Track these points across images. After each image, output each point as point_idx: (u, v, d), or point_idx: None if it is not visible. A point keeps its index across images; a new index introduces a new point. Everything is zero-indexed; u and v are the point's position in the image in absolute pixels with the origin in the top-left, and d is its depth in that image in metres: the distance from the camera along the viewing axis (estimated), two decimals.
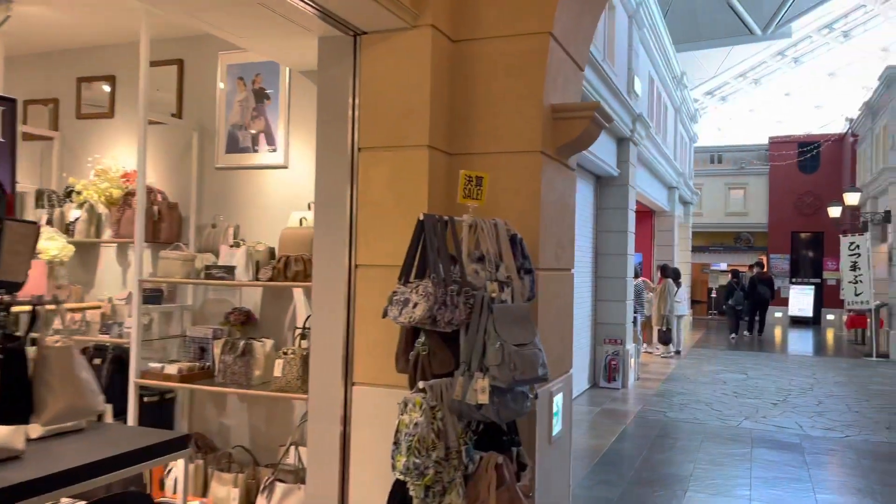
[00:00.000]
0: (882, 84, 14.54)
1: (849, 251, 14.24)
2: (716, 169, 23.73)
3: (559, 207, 4.30)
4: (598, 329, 9.95)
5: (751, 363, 12.64)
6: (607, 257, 9.96)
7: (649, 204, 14.12)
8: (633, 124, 9.77)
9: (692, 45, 21.53)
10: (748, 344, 16.29)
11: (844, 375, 11.35)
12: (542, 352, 3.20)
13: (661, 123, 13.74)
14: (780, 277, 22.38)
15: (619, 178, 9.94)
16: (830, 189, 21.56)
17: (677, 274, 14.11)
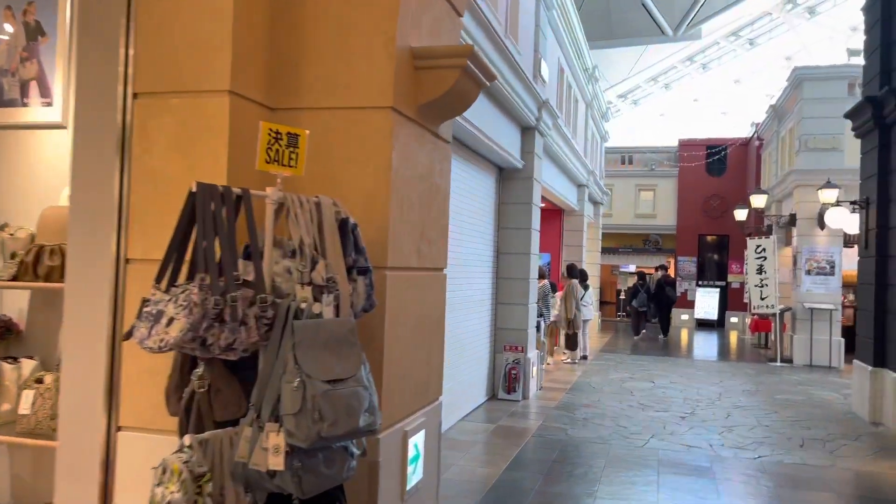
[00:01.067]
0: (790, 86, 14.43)
1: (755, 254, 14.03)
2: (626, 170, 23.56)
3: (425, 188, 3.30)
4: (498, 335, 9.09)
5: (658, 369, 12.14)
6: (509, 256, 9.11)
7: (558, 201, 13.45)
8: (538, 112, 8.96)
9: (605, 44, 21.21)
10: (654, 347, 15.93)
11: (751, 383, 10.96)
12: (368, 391, 2.19)
13: (570, 117, 13.08)
14: (687, 280, 22.40)
15: (523, 171, 9.10)
16: (736, 192, 21.70)
17: (584, 275, 13.49)
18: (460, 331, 7.63)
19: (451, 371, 7.31)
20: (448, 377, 7.53)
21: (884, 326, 8.19)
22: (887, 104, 7.99)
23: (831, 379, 11.75)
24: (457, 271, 7.41)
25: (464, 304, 7.75)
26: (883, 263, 8.24)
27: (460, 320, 7.62)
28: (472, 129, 6.92)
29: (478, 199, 8.25)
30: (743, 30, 25.55)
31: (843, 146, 13.43)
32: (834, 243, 13.48)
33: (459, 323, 7.60)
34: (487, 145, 7.68)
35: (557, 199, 13.15)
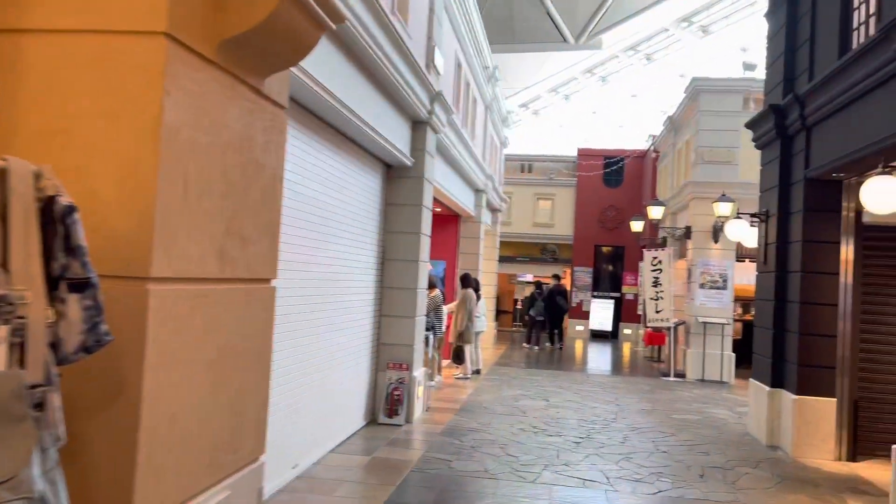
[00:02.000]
0: (687, 98, 14.36)
1: (651, 266, 13.80)
2: (526, 178, 23.25)
3: (237, 164, 2.32)
4: (381, 351, 8.15)
5: (552, 385, 11.56)
6: (395, 263, 8.19)
7: (453, 206, 12.68)
8: (431, 104, 8.12)
9: (508, 48, 20.83)
10: (549, 361, 15.46)
11: (647, 400, 10.54)
12: None
13: (468, 117, 12.36)
14: (582, 291, 22.27)
15: (413, 169, 8.23)
16: (632, 204, 21.80)
17: (477, 285, 12.78)
18: (334, 347, 6.64)
19: (322, 394, 6.30)
20: (318, 401, 6.54)
21: (782, 345, 7.85)
22: (791, 113, 7.67)
23: (724, 395, 11.55)
24: (332, 280, 6.42)
25: (340, 316, 6.77)
26: (782, 279, 7.92)
27: (335, 335, 6.63)
28: (351, 116, 5.98)
29: (359, 199, 7.30)
30: (641, 44, 25.89)
31: (737, 160, 13.42)
32: (727, 257, 13.44)
33: (333, 338, 6.61)
34: (371, 137, 6.75)
35: (453, 204, 12.38)
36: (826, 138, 7.08)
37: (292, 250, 5.35)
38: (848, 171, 6.93)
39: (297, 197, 5.49)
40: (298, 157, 5.49)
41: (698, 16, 24.12)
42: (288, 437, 5.54)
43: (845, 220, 7.35)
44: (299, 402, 5.77)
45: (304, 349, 5.80)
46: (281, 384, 5.30)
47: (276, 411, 5.28)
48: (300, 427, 5.79)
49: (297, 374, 5.68)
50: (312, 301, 5.93)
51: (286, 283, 5.23)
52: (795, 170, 7.77)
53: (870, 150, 6.01)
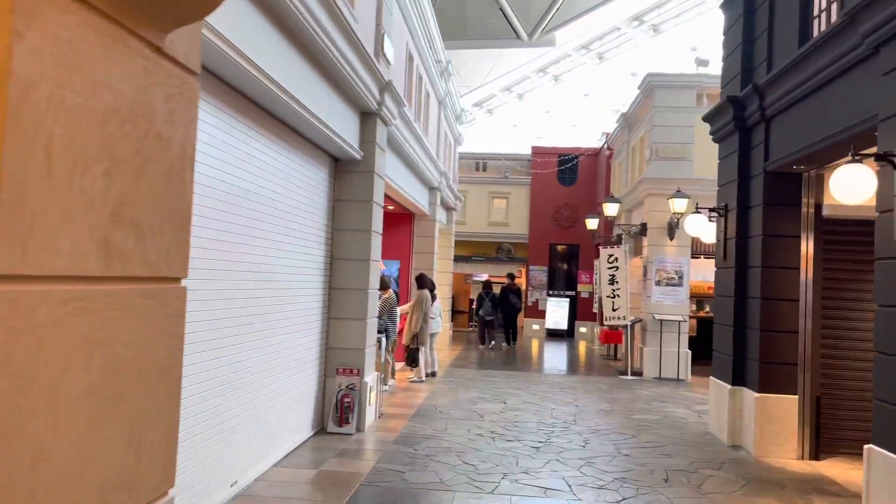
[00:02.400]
0: (641, 94, 14.26)
1: (608, 264, 13.64)
2: (480, 177, 22.98)
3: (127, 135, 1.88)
4: (330, 356, 7.70)
5: (509, 386, 11.26)
6: (345, 263, 7.76)
7: (407, 204, 12.29)
8: (380, 95, 7.71)
9: (461, 44, 20.53)
10: (506, 361, 15.19)
11: (606, 400, 10.32)
12: None
13: (421, 111, 11.98)
14: (538, 289, 22.11)
15: (362, 163, 7.80)
16: (586, 202, 21.73)
17: (432, 286, 12.43)
18: (277, 353, 6.18)
19: (263, 404, 5.84)
20: (258, 412, 6.07)
21: (743, 342, 7.69)
22: (749, 104, 7.51)
23: (682, 393, 11.42)
24: (272, 281, 5.96)
25: (283, 320, 6.31)
26: (742, 275, 7.75)
27: (277, 340, 6.17)
28: (292, 102, 5.54)
29: (304, 193, 6.85)
30: (593, 43, 25.93)
31: (692, 155, 13.35)
32: (682, 254, 13.36)
33: (276, 343, 6.15)
34: (316, 128, 6.31)
35: (407, 201, 11.98)
36: (786, 130, 6.92)
37: (222, 247, 4.89)
38: (809, 164, 6.79)
39: (231, 189, 5.03)
40: (232, 146, 5.03)
41: (649, 14, 24.24)
42: (224, 453, 5.07)
43: (805, 213, 7.22)
44: (237, 414, 5.30)
45: (241, 356, 5.33)
46: (213, 396, 4.83)
47: (210, 427, 4.81)
48: (238, 441, 5.32)
49: (233, 385, 5.21)
50: (249, 304, 5.47)
51: (215, 284, 4.76)
52: (754, 163, 7.62)
53: (834, 140, 5.84)
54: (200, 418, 4.66)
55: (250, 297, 5.50)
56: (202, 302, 4.60)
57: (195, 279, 4.42)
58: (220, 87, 4.77)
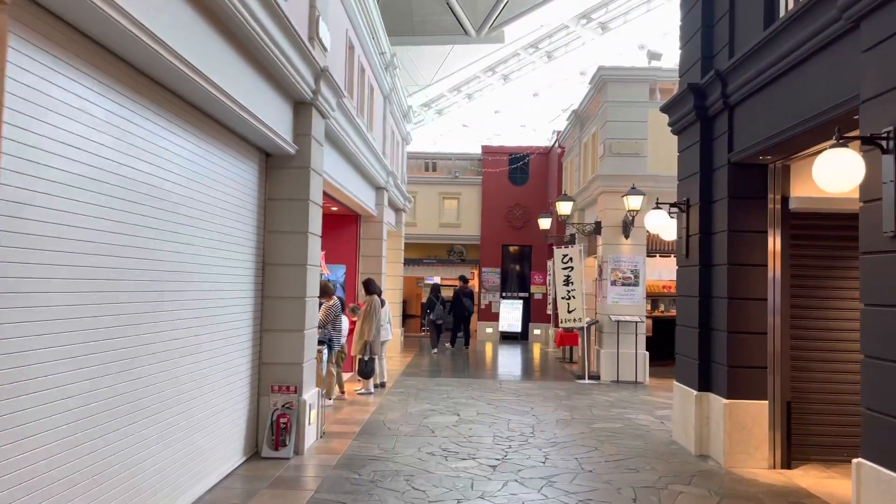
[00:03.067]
0: (593, 88, 13.85)
1: (562, 264, 13.16)
2: (430, 177, 22.35)
3: None
4: (264, 372, 6.95)
5: (462, 396, 10.65)
6: (279, 269, 7.02)
7: (352, 204, 11.57)
8: (315, 83, 7.00)
9: (407, 40, 19.89)
10: (459, 367, 14.58)
11: (564, 408, 9.79)
12: None
13: (365, 106, 11.29)
14: (491, 292, 21.60)
15: (297, 158, 7.08)
16: (538, 202, 21.33)
17: (380, 290, 11.74)
18: (197, 371, 5.43)
19: (182, 429, 5.09)
20: (175, 439, 5.28)
21: (709, 345, 7.24)
22: (711, 92, 7.07)
23: (642, 397, 10.99)
24: (187, 290, 5.21)
25: (204, 334, 5.56)
26: (706, 273, 7.31)
27: (197, 357, 5.42)
28: (213, 88, 4.82)
29: (230, 192, 6.10)
30: (542, 42, 25.59)
31: (646, 151, 13.00)
32: (638, 252, 12.99)
33: (195, 360, 5.40)
34: (242, 119, 5.59)
35: (351, 202, 11.27)
36: (752, 118, 6.49)
37: (118, 252, 4.13)
38: (778, 153, 6.36)
39: (131, 184, 4.28)
40: (133, 135, 4.28)
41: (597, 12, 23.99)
42: (135, 489, 4.30)
43: (772, 207, 6.80)
44: (148, 442, 4.55)
45: (149, 379, 4.57)
46: (114, 426, 4.06)
47: (114, 462, 4.05)
48: (150, 474, 4.56)
49: (141, 410, 4.45)
50: (159, 317, 4.71)
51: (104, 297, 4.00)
52: (717, 154, 7.18)
53: (807, 126, 5.40)
54: (103, 449, 3.90)
55: (163, 311, 4.74)
56: (85, 320, 3.84)
57: (73, 291, 3.68)
58: (113, 61, 4.02)
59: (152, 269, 4.65)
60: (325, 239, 12.67)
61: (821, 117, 5.21)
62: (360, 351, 10.57)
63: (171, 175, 4.91)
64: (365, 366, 10.55)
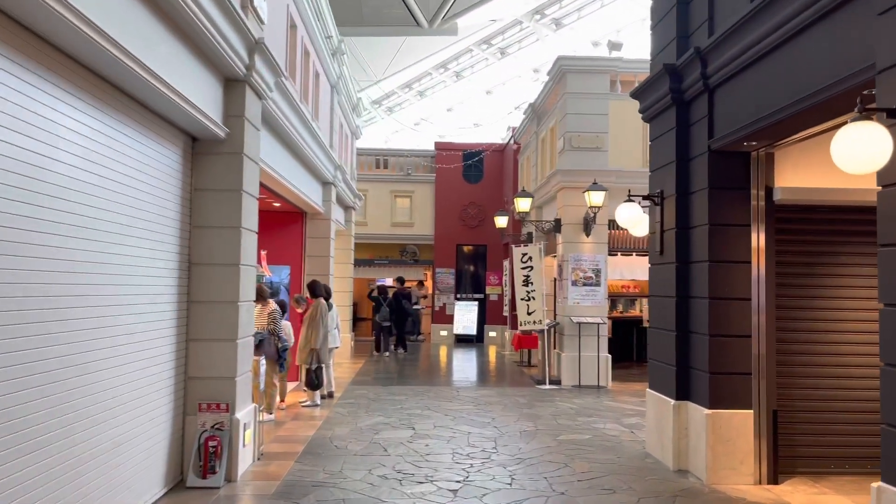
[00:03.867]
0: (552, 80, 13.24)
1: (521, 263, 12.51)
2: (381, 174, 21.48)
3: None
4: (190, 388, 6.06)
5: (417, 406, 9.87)
6: (208, 269, 6.13)
7: (296, 200, 10.68)
8: (249, 57, 6.14)
9: (356, 30, 19.02)
10: (413, 374, 13.80)
11: (527, 418, 9.11)
12: None
13: (310, 93, 10.42)
14: (446, 293, 20.87)
15: (228, 143, 6.20)
16: (494, 200, 20.71)
17: (328, 293, 10.87)
18: (107, 388, 4.53)
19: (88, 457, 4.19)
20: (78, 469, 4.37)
21: (687, 349, 6.64)
22: (689, 74, 6.47)
23: (606, 403, 10.40)
24: (93, 294, 4.31)
25: (118, 345, 4.66)
26: (684, 272, 6.71)
27: (106, 373, 4.52)
28: (123, 56, 3.96)
29: (149, 180, 5.21)
30: (495, 38, 25.00)
31: (606, 145, 12.45)
32: (599, 250, 12.43)
33: (111, 375, 4.51)
34: (160, 94, 4.73)
35: (295, 197, 10.38)
36: (736, 100, 5.90)
37: None
38: (763, 138, 5.78)
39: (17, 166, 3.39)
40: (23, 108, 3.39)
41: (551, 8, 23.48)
42: None
43: (755, 198, 6.23)
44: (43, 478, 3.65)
45: (42, 402, 3.67)
46: None
47: None
48: None
49: (33, 440, 3.56)
50: (51, 328, 3.81)
51: None
52: (695, 141, 6.59)
53: (808, 104, 4.81)
54: None
55: (47, 321, 3.84)
56: None
57: None
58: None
59: (42, 270, 3.76)
60: (268, 237, 11.74)
61: (820, 95, 4.62)
62: (307, 360, 9.69)
63: (67, 156, 4.02)
64: (314, 376, 9.68)
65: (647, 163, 12.54)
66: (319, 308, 9.90)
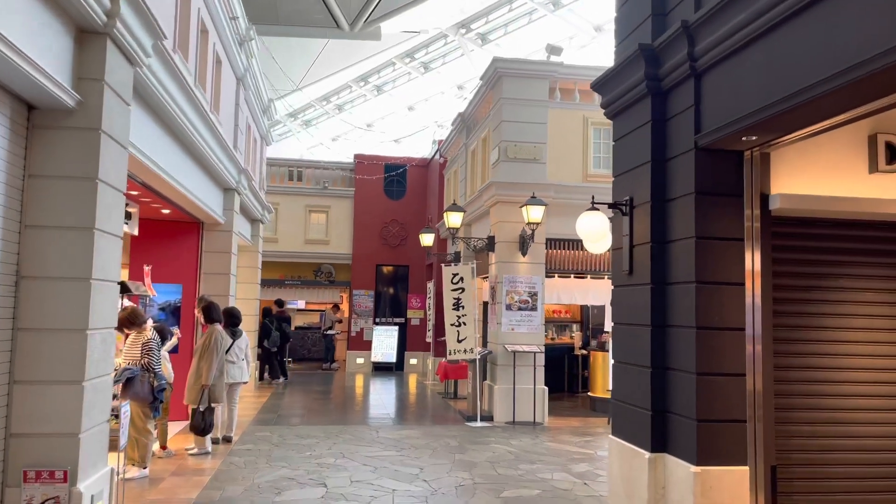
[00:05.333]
0: (486, 85, 12.11)
1: (452, 284, 11.19)
2: (295, 187, 19.79)
3: None
4: (13, 449, 4.36)
5: (330, 451, 8.32)
6: (44, 285, 4.48)
7: (189, 206, 9.01)
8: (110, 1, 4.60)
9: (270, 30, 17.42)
10: (326, 409, 12.18)
11: (461, 466, 7.73)
12: None
13: (209, 79, 8.82)
14: (363, 317, 19.29)
15: (79, 115, 4.60)
16: (417, 218, 19.39)
17: (235, 318, 9.22)
18: None
19: None
20: None
21: (665, 390, 5.46)
22: (671, 55, 5.37)
23: (548, 445, 9.15)
24: None
25: None
26: (660, 295, 5.54)
27: None
28: None
29: None
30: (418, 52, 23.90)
31: (544, 157, 11.38)
32: (536, 271, 11.29)
33: None
34: None
35: (189, 203, 8.72)
36: (733, 84, 4.81)
37: None
38: (769, 131, 4.70)
39: None
40: None
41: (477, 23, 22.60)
42: None
43: (749, 208, 5.16)
44: None
45: None
46: None
47: None
48: None
49: None
50: None
51: None
52: (677, 137, 5.47)
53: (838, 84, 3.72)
54: None
55: None
56: None
57: None
58: None
59: None
60: (155, 251, 9.96)
61: (860, 69, 3.55)
62: (196, 399, 7.99)
63: None
64: (201, 419, 7.97)
65: (588, 177, 11.65)
66: (214, 336, 8.23)
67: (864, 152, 5.26)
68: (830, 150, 5.25)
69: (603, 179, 11.16)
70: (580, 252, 11.57)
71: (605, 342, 12.19)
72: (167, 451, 8.00)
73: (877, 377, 5.22)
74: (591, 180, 11.37)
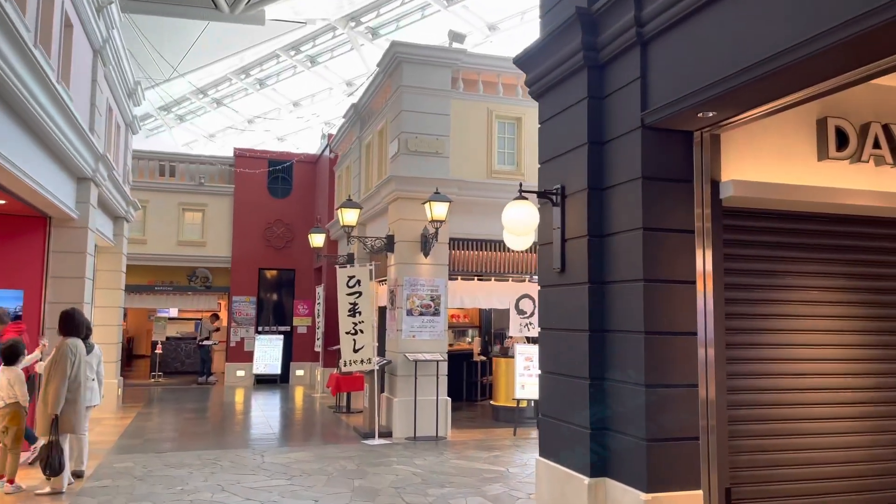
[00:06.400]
0: (383, 72, 11.18)
1: (348, 288, 10.14)
2: (166, 183, 17.95)
3: None
4: None
5: (206, 484, 7.08)
6: None
7: (29, 195, 7.49)
8: None
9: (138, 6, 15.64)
10: (201, 430, 10.78)
11: (363, 496, 6.73)
12: None
13: (54, 43, 7.35)
14: (244, 326, 17.75)
15: None
16: (304, 218, 18.10)
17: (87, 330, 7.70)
18: None
19: None
20: None
21: (604, 405, 4.76)
22: (610, 22, 4.70)
23: (455, 463, 8.33)
24: None
25: None
26: (599, 296, 4.86)
27: None
28: None
29: None
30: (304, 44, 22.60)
31: (447, 151, 10.60)
32: (439, 274, 10.47)
33: None
34: None
35: (29, 191, 7.22)
36: (687, 53, 4.19)
37: None
38: (729, 107, 4.10)
39: None
40: None
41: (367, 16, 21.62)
42: None
43: (700, 195, 4.57)
44: None
45: None
46: None
47: None
48: None
49: None
50: None
51: None
52: (618, 116, 4.81)
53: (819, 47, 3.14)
54: None
55: None
56: None
57: None
58: None
59: None
60: None
61: (842, 31, 2.98)
62: (46, 430, 6.51)
63: None
64: (50, 453, 6.50)
65: (493, 173, 10.98)
66: (64, 351, 6.77)
67: (813, 137, 4.81)
68: (778, 134, 4.77)
69: (508, 177, 10.55)
70: (484, 252, 10.89)
71: (510, 348, 11.56)
72: (15, 486, 6.55)
73: (831, 382, 4.77)
74: (495, 177, 10.72)
